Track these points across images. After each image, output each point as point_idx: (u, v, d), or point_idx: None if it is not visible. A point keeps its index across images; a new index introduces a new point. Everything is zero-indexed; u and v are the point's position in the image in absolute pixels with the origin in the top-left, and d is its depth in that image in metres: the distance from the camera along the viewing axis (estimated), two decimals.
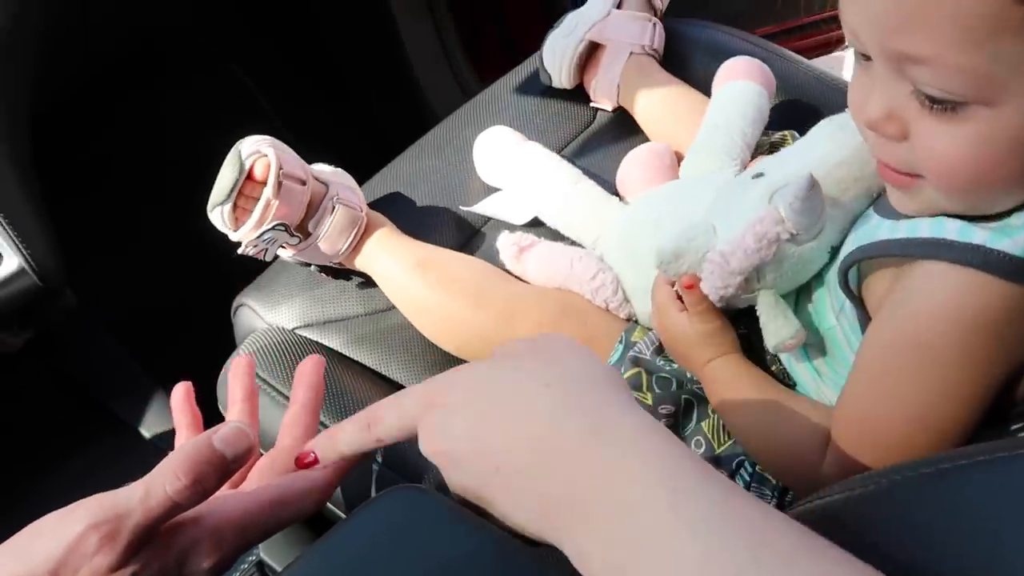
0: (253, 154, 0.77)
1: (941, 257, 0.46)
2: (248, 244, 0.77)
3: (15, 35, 0.85)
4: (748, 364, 0.63)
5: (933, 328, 0.47)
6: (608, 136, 0.95)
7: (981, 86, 0.41)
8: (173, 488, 0.40)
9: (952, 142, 0.43)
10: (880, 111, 0.46)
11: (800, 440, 0.57)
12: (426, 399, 0.41)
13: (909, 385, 0.49)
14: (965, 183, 0.45)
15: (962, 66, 0.40)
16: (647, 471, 0.35)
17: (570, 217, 0.83)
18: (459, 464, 0.39)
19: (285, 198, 0.77)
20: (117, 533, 0.39)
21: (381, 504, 0.42)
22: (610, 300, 0.76)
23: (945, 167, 0.45)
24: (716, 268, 0.61)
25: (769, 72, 0.85)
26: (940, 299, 0.47)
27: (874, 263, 0.53)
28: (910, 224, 0.50)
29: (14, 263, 0.76)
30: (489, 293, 0.78)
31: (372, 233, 0.82)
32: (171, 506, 0.40)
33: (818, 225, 0.59)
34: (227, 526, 0.44)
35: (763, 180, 0.64)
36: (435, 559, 0.37)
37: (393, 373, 0.81)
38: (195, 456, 0.41)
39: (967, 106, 0.42)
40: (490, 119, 0.94)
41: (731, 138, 0.79)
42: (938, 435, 0.48)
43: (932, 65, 0.41)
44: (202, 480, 0.41)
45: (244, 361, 0.63)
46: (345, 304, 0.84)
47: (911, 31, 0.41)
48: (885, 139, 0.47)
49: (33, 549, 0.40)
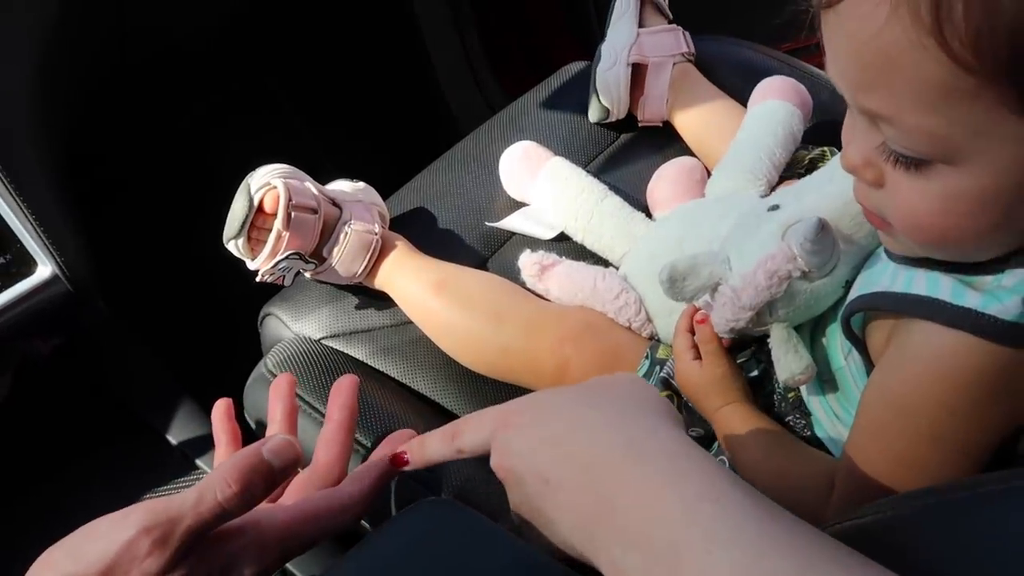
0: (263, 187, 0.79)
1: (934, 319, 0.48)
2: (265, 273, 0.79)
3: (53, 44, 0.86)
4: (755, 412, 0.64)
5: (927, 388, 0.48)
6: (634, 152, 0.96)
7: (940, 147, 0.42)
8: (224, 495, 0.42)
9: (919, 196, 0.44)
10: (858, 158, 0.47)
11: (804, 486, 0.57)
12: (501, 419, 0.44)
13: (907, 443, 0.50)
14: (930, 236, 0.46)
15: (921, 127, 0.41)
16: (687, 487, 0.36)
17: (598, 233, 0.83)
18: (518, 480, 0.42)
19: (296, 229, 0.78)
20: (168, 537, 0.41)
21: (414, 515, 0.43)
22: (633, 319, 0.76)
23: (911, 220, 0.46)
24: (727, 302, 0.62)
25: (805, 92, 0.85)
26: (933, 360, 0.48)
27: (875, 311, 0.53)
28: (908, 276, 0.51)
29: (47, 270, 0.78)
30: (508, 311, 0.78)
31: (388, 254, 0.83)
32: (221, 512, 0.42)
33: (830, 263, 0.59)
34: (270, 537, 0.45)
35: (778, 214, 0.65)
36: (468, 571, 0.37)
37: (417, 385, 0.81)
38: (245, 465, 0.43)
39: (932, 164, 0.43)
40: (516, 134, 0.94)
41: (759, 158, 0.79)
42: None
43: (894, 124, 0.42)
44: (251, 488, 0.42)
45: (285, 380, 0.65)
46: (371, 316, 0.84)
47: (874, 90, 0.42)
48: (864, 184, 0.48)
49: (86, 550, 0.41)
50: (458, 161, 0.96)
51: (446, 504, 0.42)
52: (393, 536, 0.42)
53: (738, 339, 0.70)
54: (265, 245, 0.78)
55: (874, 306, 0.53)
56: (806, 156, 0.83)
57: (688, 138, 0.94)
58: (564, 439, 0.41)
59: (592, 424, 0.41)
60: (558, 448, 0.41)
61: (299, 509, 0.47)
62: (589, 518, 0.38)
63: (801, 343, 0.61)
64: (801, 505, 0.57)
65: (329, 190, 0.85)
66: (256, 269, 0.80)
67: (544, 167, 0.87)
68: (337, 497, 0.49)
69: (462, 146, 0.98)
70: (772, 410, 0.66)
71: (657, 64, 0.95)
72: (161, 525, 0.41)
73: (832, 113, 0.91)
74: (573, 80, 1.03)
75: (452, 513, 0.42)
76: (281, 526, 0.46)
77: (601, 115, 0.96)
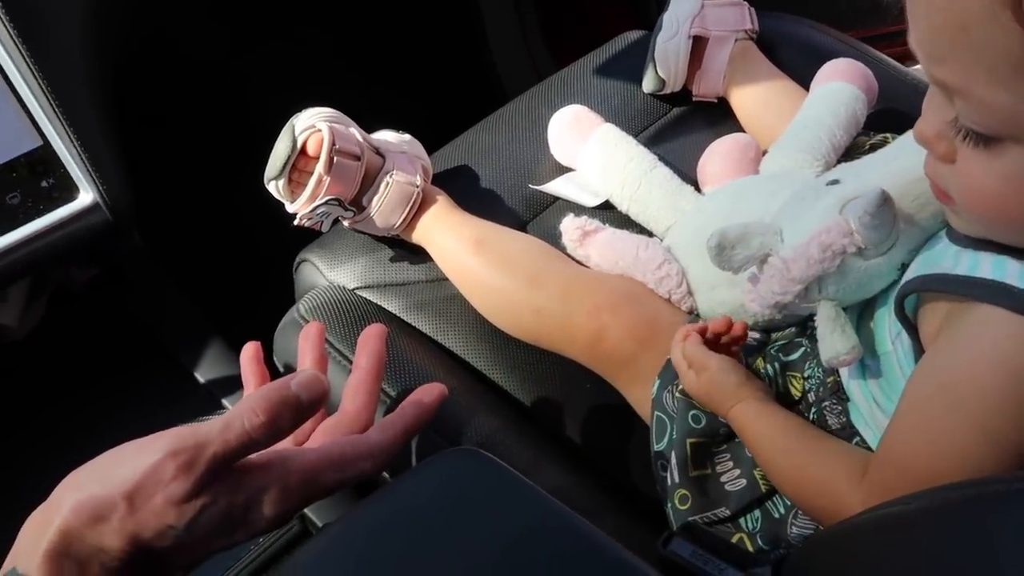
0: (307, 129, 0.77)
1: (1000, 303, 0.46)
2: (303, 217, 0.78)
3: None
4: (766, 408, 0.61)
5: (982, 375, 0.47)
6: (685, 126, 0.93)
7: (1009, 123, 0.41)
8: (251, 423, 0.42)
9: (984, 174, 0.44)
10: (931, 130, 0.46)
11: (827, 476, 0.56)
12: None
13: (953, 431, 0.48)
14: (991, 215, 0.46)
15: (989, 102, 0.41)
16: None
17: (645, 203, 0.81)
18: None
19: (337, 174, 0.77)
20: (194, 462, 0.41)
21: (438, 463, 0.42)
22: (673, 291, 0.74)
23: (972, 197, 0.46)
24: (776, 273, 0.60)
25: (872, 77, 0.83)
26: (992, 346, 0.47)
27: (932, 294, 0.52)
28: (972, 258, 0.49)
29: (89, 197, 0.78)
30: (546, 274, 0.77)
31: (428, 208, 0.81)
32: (247, 441, 0.42)
33: (888, 241, 0.57)
34: (294, 478, 0.45)
35: (837, 188, 0.63)
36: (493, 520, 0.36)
37: (448, 342, 0.80)
38: (274, 397, 0.43)
39: (1001, 141, 0.42)
40: (568, 98, 0.92)
41: (818, 137, 0.77)
42: None
43: (965, 97, 0.42)
44: (278, 420, 0.42)
45: (315, 328, 0.65)
46: (406, 269, 0.84)
47: (946, 61, 0.42)
48: (935, 157, 0.47)
49: (112, 472, 0.42)
50: (506, 122, 0.95)
51: (470, 453, 0.41)
52: (415, 483, 0.42)
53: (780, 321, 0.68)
54: (305, 188, 0.77)
55: (934, 287, 0.51)
56: (867, 142, 0.80)
57: (743, 116, 0.92)
58: None
59: None
60: None
61: (324, 452, 0.47)
62: None
63: (848, 323, 0.59)
64: (823, 497, 0.56)
65: (374, 139, 0.84)
66: (294, 213, 0.79)
67: (594, 132, 0.85)
68: (364, 443, 0.49)
69: (511, 107, 0.96)
70: (808, 395, 0.64)
71: (719, 38, 0.92)
72: (188, 450, 0.41)
73: (896, 101, 0.88)
74: (629, 48, 1.00)
75: (476, 461, 0.41)
76: (306, 468, 0.45)
77: (656, 86, 0.94)
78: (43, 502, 0.42)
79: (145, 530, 0.41)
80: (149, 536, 0.41)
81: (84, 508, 0.40)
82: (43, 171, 0.76)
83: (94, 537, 0.41)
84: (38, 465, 0.85)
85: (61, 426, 0.89)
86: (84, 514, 0.40)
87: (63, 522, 0.40)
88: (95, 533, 0.41)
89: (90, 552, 0.41)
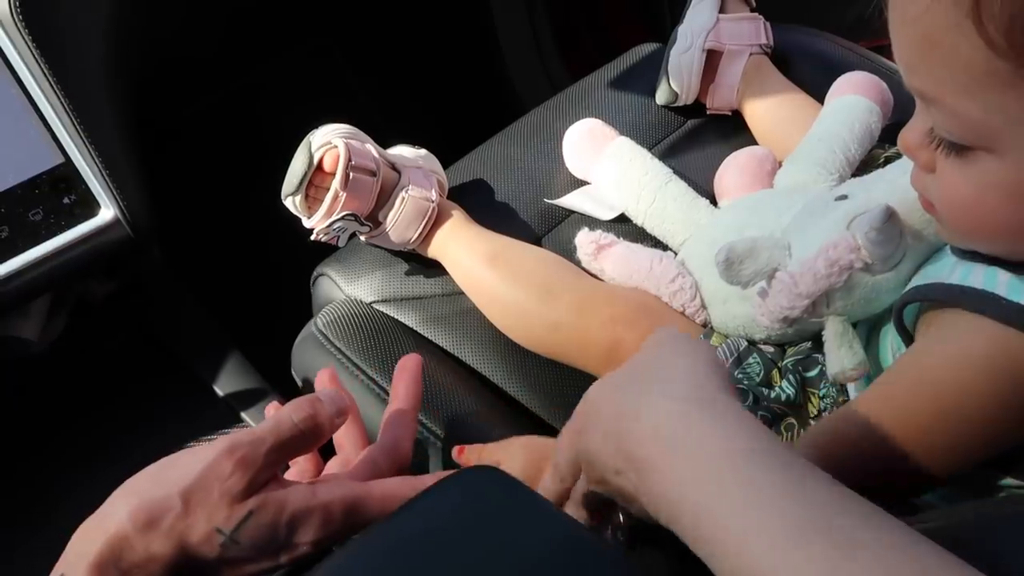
0: (323, 146, 0.78)
1: (985, 312, 0.47)
2: (319, 232, 0.79)
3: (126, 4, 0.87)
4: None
5: (967, 378, 0.48)
6: (700, 139, 0.94)
7: (980, 134, 0.42)
8: (298, 416, 0.46)
9: (961, 183, 0.45)
10: (914, 140, 0.47)
11: None
12: (569, 434, 0.46)
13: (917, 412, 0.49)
14: (968, 224, 0.47)
15: (960, 112, 0.42)
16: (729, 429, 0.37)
17: (660, 217, 0.81)
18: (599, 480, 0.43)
19: (353, 190, 0.78)
20: (251, 457, 0.43)
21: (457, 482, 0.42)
22: (687, 305, 0.74)
23: (949, 205, 0.47)
24: (784, 288, 0.60)
25: (886, 90, 0.83)
26: (978, 351, 0.48)
27: (930, 304, 0.52)
28: (965, 269, 0.50)
29: (110, 214, 0.79)
30: (561, 287, 0.77)
31: (444, 222, 0.82)
32: (298, 434, 0.45)
33: (895, 257, 0.57)
34: (338, 506, 0.46)
35: (845, 203, 0.63)
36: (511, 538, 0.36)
37: (465, 356, 0.81)
38: (309, 397, 0.47)
39: (974, 151, 0.43)
40: (582, 111, 0.93)
41: (832, 151, 0.77)
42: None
43: (939, 107, 0.42)
44: (318, 416, 0.46)
45: (328, 374, 0.66)
46: (423, 283, 0.84)
47: (918, 71, 0.43)
48: (919, 167, 0.48)
49: (168, 475, 0.43)
50: (521, 135, 0.95)
51: (489, 471, 0.41)
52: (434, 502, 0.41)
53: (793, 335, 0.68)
54: (322, 204, 0.78)
55: (927, 296, 0.51)
56: (882, 155, 0.80)
57: (757, 129, 0.92)
58: (603, 387, 0.43)
59: (629, 372, 0.43)
60: (600, 393, 0.43)
61: (369, 488, 0.48)
62: (633, 443, 0.39)
63: (856, 339, 0.59)
64: None
65: (390, 154, 0.85)
66: (311, 228, 0.80)
67: (609, 146, 0.85)
68: (407, 487, 0.48)
69: (526, 120, 0.97)
70: (824, 413, 0.64)
71: (733, 52, 0.92)
72: (244, 446, 0.43)
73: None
74: (643, 61, 1.01)
75: (495, 480, 0.41)
76: (350, 498, 0.47)
77: (669, 98, 0.94)
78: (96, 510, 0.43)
79: (194, 533, 0.42)
80: (196, 541, 0.42)
81: (140, 512, 0.41)
82: (65, 188, 0.77)
83: (144, 544, 0.41)
84: (59, 477, 0.86)
85: (81, 439, 0.90)
86: (140, 519, 0.41)
87: (118, 528, 0.41)
88: (146, 540, 0.41)
89: (137, 561, 0.41)
